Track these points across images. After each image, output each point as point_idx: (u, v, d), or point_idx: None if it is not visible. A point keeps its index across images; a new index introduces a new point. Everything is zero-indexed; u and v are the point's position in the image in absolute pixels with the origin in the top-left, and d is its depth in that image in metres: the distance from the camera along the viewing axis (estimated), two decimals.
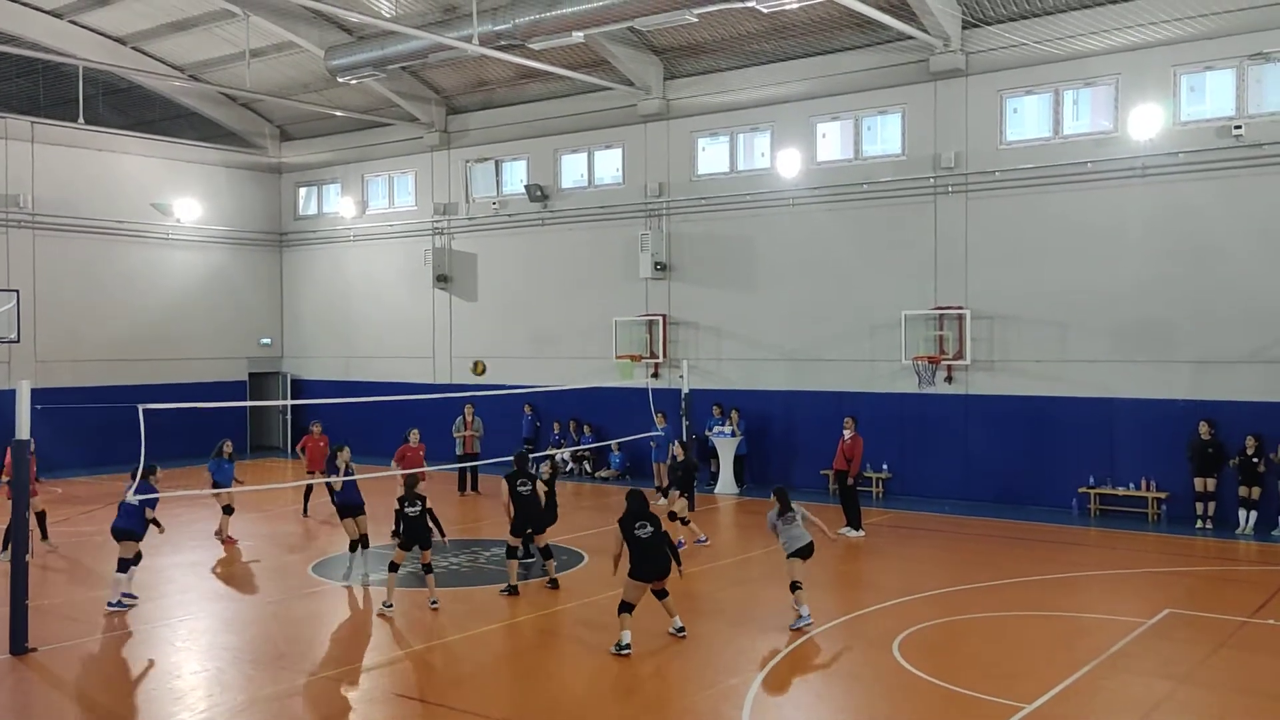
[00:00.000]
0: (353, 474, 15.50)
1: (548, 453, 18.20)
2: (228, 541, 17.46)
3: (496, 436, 23.79)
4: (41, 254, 26.95)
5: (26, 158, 26.65)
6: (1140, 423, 19.12)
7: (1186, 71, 18.76)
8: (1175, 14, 18.37)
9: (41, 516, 16.82)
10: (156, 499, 13.74)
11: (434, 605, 13.08)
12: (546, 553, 14.55)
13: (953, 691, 9.92)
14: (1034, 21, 19.63)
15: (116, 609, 13.14)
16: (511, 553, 14.18)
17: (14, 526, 11.59)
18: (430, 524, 13.26)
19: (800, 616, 12.15)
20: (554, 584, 14.22)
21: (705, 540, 16.90)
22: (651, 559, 11.41)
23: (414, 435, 19.06)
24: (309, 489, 20.26)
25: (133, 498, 13.19)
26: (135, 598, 13.48)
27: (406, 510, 13.14)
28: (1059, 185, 19.85)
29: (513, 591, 13.82)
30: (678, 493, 16.96)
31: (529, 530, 14.44)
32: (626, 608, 11.28)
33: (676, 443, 17.93)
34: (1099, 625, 12.20)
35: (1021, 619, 12.63)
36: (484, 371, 20.37)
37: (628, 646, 11.07)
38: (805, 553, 12.45)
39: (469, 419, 22.81)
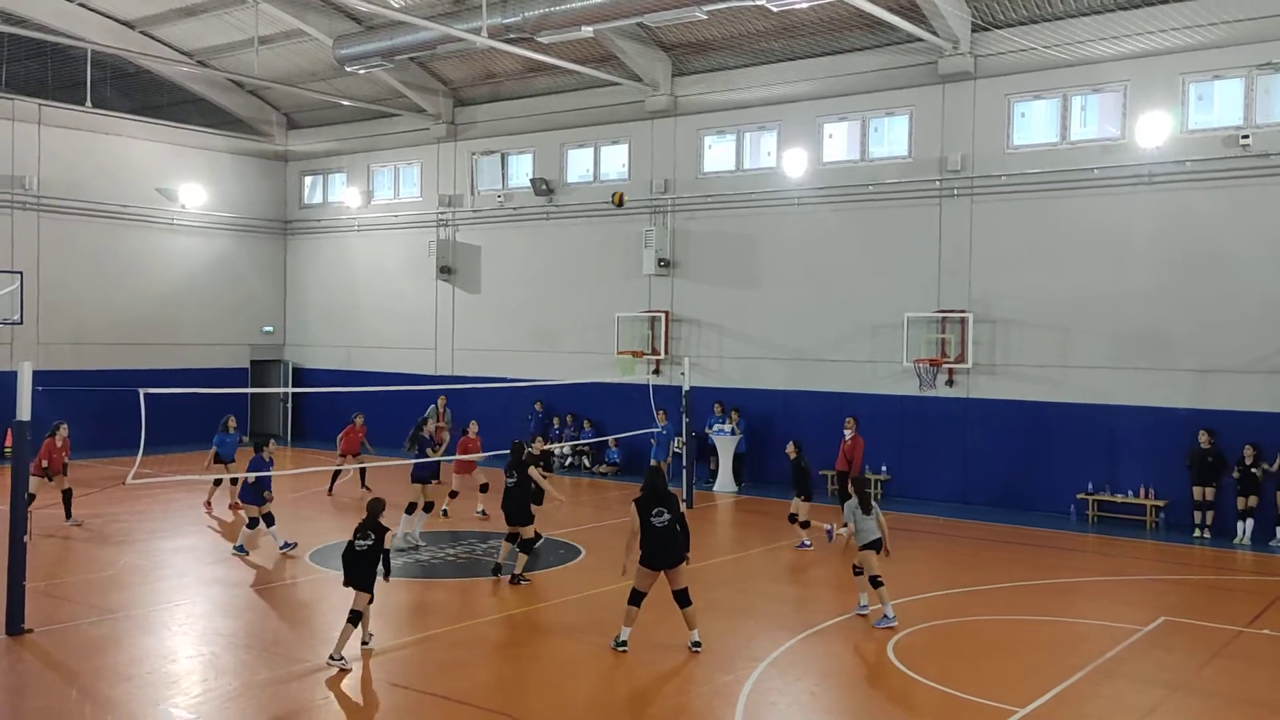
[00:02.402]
0: (440, 446, 17.22)
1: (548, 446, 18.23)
2: (234, 507, 18.64)
3: (490, 428, 23.78)
4: (46, 236, 26.97)
5: (33, 140, 26.66)
6: (1140, 430, 19.11)
7: (1195, 80, 18.74)
8: (1185, 22, 18.36)
9: (67, 494, 17.65)
10: (268, 469, 15.75)
11: (334, 659, 10.51)
12: (522, 547, 14.27)
13: (947, 694, 9.92)
14: (1043, 26, 19.61)
15: (286, 549, 15.57)
16: (511, 537, 14.46)
17: (13, 506, 11.59)
18: (381, 564, 11.02)
19: (860, 604, 12.67)
20: (516, 580, 14.06)
21: (830, 531, 16.69)
22: (664, 547, 11.01)
23: (473, 427, 18.69)
24: (338, 472, 21.57)
25: (249, 475, 15.47)
26: (289, 546, 15.61)
27: (355, 542, 10.95)
28: (1065, 191, 19.84)
29: (497, 570, 14.24)
30: (801, 497, 16.58)
31: (513, 523, 14.29)
32: (636, 598, 11.10)
33: (791, 443, 17.32)
34: (1094, 631, 12.20)
35: (1017, 623, 12.64)
36: (622, 203, 20.30)
37: (624, 644, 11.05)
38: (876, 546, 12.44)
39: (441, 410, 22.97)
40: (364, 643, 11.03)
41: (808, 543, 16.70)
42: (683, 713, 9.62)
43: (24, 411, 11.53)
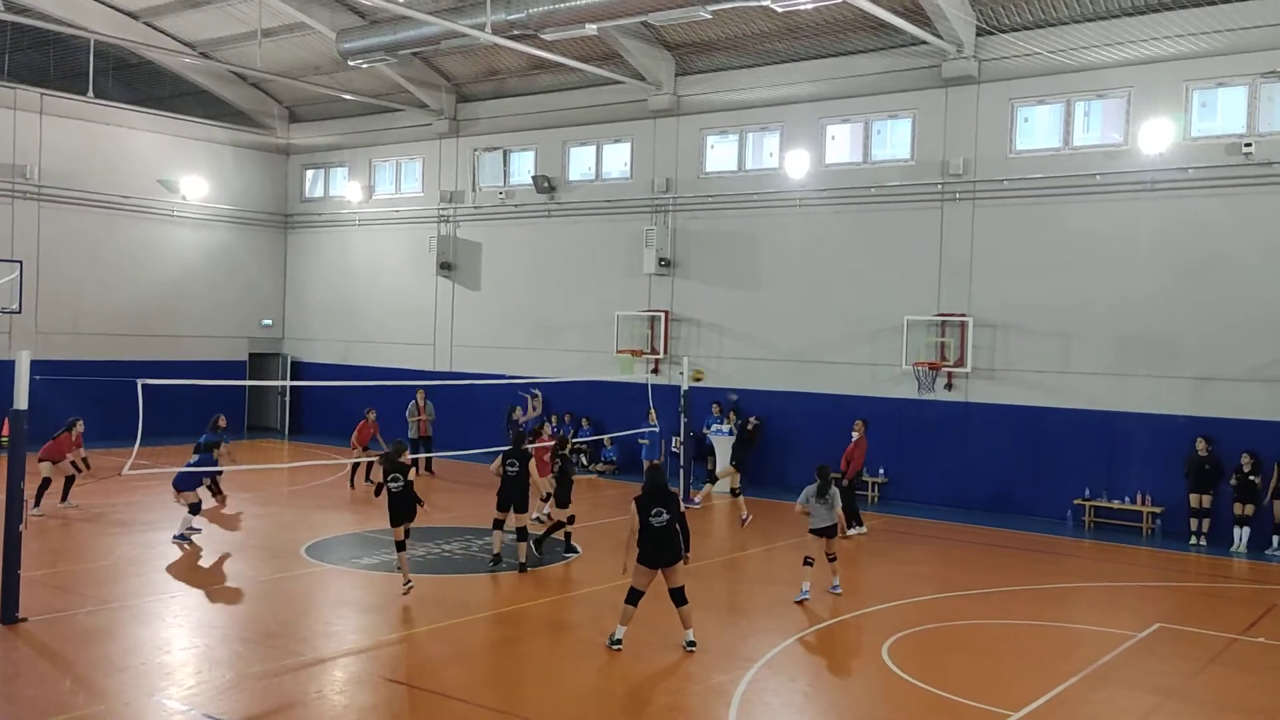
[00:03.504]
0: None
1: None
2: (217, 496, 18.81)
3: (489, 424, 23.78)
4: (46, 226, 26.94)
5: (34, 129, 26.63)
6: (1138, 437, 19.11)
7: (1198, 87, 18.74)
8: (1189, 29, 18.35)
9: (70, 481, 18.23)
10: (211, 466, 16.63)
11: (408, 587, 12.83)
12: (521, 535, 14.64)
13: (940, 697, 9.92)
14: (1048, 31, 19.60)
15: (177, 540, 15.70)
16: (497, 524, 14.74)
17: (9, 496, 11.57)
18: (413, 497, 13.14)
19: (802, 590, 13.12)
20: (521, 568, 14.45)
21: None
22: (662, 547, 11.03)
23: (546, 429, 19.15)
24: (356, 465, 21.68)
25: (189, 467, 16.04)
26: (197, 530, 16.15)
27: (389, 485, 13.00)
28: (1067, 196, 19.83)
29: (496, 561, 14.51)
30: (732, 464, 18.02)
31: (511, 508, 14.63)
32: (634, 597, 11.07)
33: (753, 419, 18.46)
34: (1089, 637, 12.21)
35: (1012, 628, 12.63)
36: (700, 378, 21.88)
37: (619, 642, 11.04)
38: (828, 533, 13.38)
39: (421, 404, 23.02)
40: (407, 584, 12.74)
41: (745, 515, 18.21)
42: (677, 712, 9.61)
43: (21, 400, 11.52)
